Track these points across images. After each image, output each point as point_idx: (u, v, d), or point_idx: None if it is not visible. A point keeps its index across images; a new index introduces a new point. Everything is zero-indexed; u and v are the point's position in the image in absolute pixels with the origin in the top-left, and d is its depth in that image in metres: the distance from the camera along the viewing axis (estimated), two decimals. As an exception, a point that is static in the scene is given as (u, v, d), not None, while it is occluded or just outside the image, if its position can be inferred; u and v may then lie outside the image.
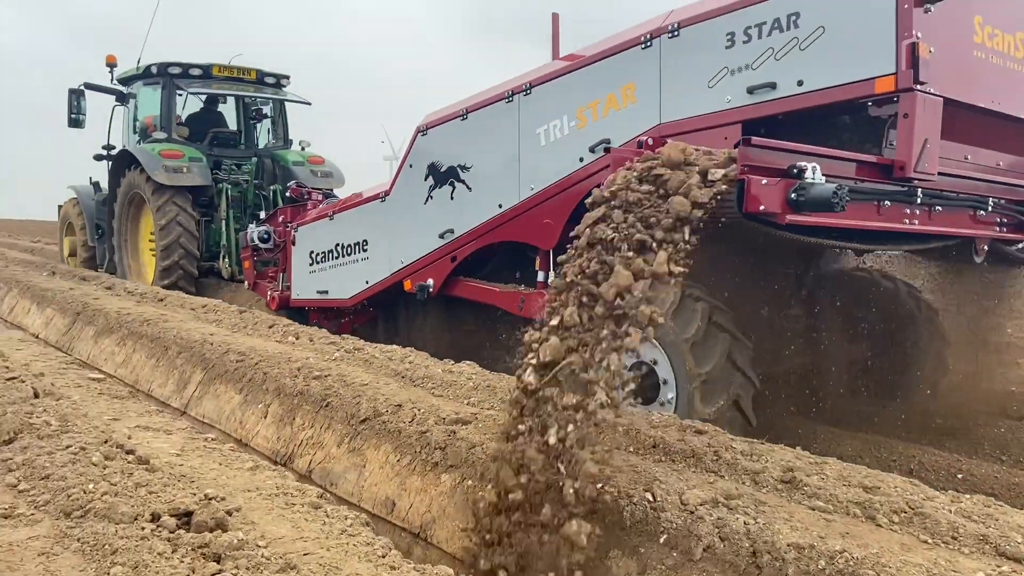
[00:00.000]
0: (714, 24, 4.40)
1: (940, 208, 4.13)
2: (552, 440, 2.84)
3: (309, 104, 12.00)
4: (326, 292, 7.31)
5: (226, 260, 10.24)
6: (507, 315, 5.15)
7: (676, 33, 4.59)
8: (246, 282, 8.90)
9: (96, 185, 12.36)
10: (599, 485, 2.80)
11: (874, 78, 3.83)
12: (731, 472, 3.15)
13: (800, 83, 4.05)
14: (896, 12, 3.73)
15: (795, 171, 3.37)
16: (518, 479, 2.87)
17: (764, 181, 3.33)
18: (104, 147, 11.86)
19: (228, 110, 12.05)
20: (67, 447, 3.01)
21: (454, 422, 3.76)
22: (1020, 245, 5.06)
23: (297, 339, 6.15)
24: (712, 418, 4.10)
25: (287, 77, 11.84)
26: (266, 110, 12.03)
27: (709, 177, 3.02)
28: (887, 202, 3.83)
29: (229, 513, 2.51)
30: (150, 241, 10.61)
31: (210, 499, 2.59)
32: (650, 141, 3.68)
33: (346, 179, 11.61)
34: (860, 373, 5.54)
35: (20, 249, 17.74)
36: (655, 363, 4.44)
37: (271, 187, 10.72)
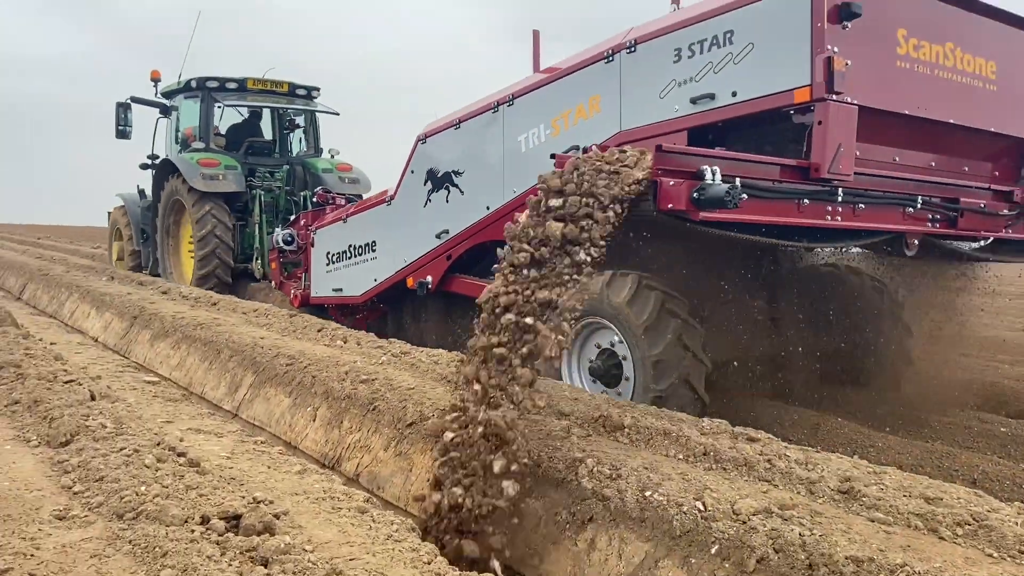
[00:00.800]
0: (665, 40, 4.86)
1: (863, 206, 4.45)
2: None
3: (337, 115, 12.58)
4: (340, 290, 7.81)
5: (258, 261, 10.73)
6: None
7: (633, 49, 5.07)
8: (273, 282, 9.52)
9: (142, 192, 13.01)
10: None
11: (793, 89, 4.25)
12: (785, 481, 3.06)
13: (734, 94, 4.49)
14: (811, 30, 4.14)
15: (698, 174, 3.77)
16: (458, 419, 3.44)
17: (672, 182, 3.76)
18: (149, 156, 12.54)
19: (263, 120, 12.68)
20: (121, 449, 3.06)
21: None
22: (977, 243, 5.40)
23: (345, 343, 6.20)
24: (665, 394, 4.52)
25: (317, 89, 12.41)
26: (298, 120, 12.62)
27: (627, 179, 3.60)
28: (806, 200, 4.19)
29: (277, 517, 2.52)
30: (189, 244, 11.21)
31: (258, 502, 2.61)
32: (594, 146, 3.99)
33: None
34: (827, 361, 5.81)
35: (81, 255, 18.31)
36: (612, 345, 4.87)
37: (302, 193, 11.20)
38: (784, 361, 5.65)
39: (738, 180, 3.81)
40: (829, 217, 4.36)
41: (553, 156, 4.23)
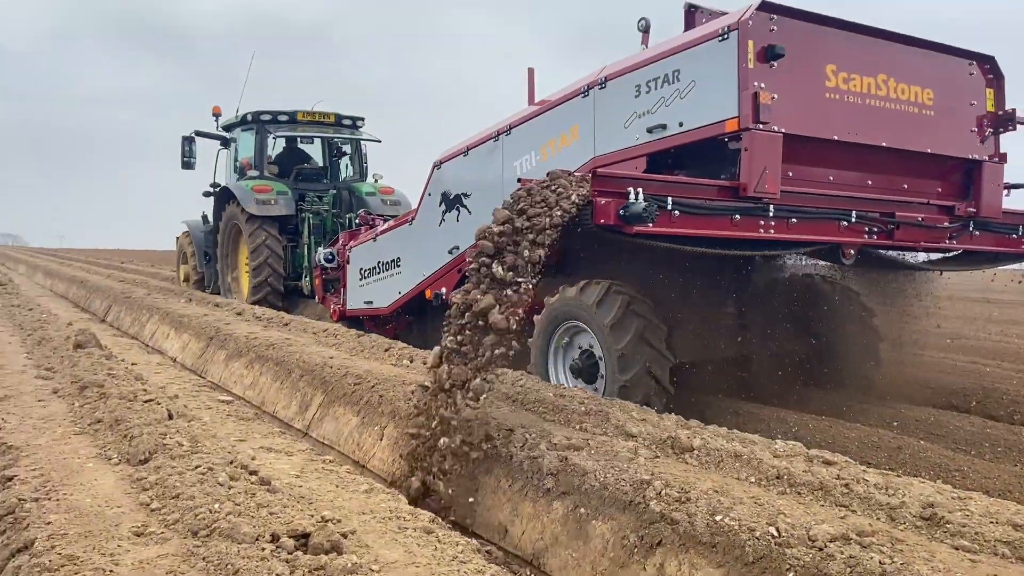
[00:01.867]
0: (627, 78, 5.55)
1: (795, 220, 5.01)
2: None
3: (379, 142, 13.48)
4: (371, 303, 8.55)
5: (307, 279, 11.41)
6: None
7: (604, 85, 5.77)
8: (316, 297, 10.35)
9: (205, 218, 14.01)
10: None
11: (725, 120, 4.87)
12: (864, 506, 2.94)
13: (681, 124, 5.15)
14: (737, 70, 4.78)
15: (625, 194, 4.38)
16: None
17: (603, 201, 4.38)
18: (211, 185, 13.52)
19: (314, 148, 13.63)
20: (196, 467, 3.14)
21: (566, 448, 3.70)
22: (925, 257, 6.08)
23: (411, 363, 6.26)
24: (630, 384, 5.11)
25: (362, 118, 13.25)
26: (345, 148, 13.50)
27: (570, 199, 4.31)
28: (738, 216, 4.77)
29: (344, 536, 2.54)
30: (246, 264, 12.05)
31: (326, 521, 2.64)
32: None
33: None
34: (800, 362, 6.42)
35: (161, 278, 19.02)
36: (591, 347, 5.49)
37: (347, 215, 11.95)
38: (766, 362, 6.26)
39: (670, 199, 4.51)
40: (762, 230, 4.93)
41: (519, 180, 4.75)
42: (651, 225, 4.41)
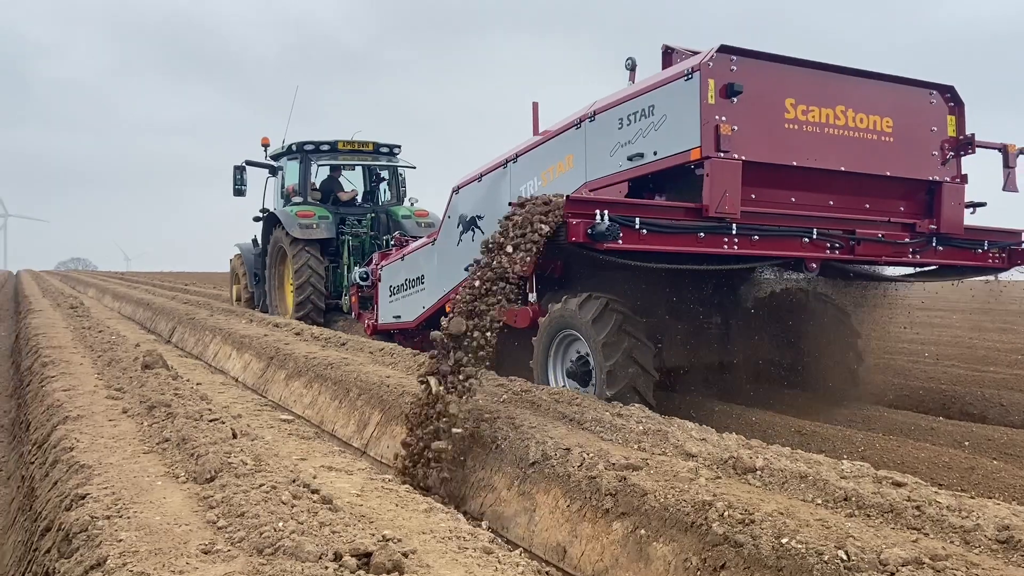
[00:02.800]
0: (612, 112, 6.19)
1: (758, 237, 5.54)
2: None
3: (414, 168, 14.40)
4: (399, 317, 9.22)
5: (346, 297, 12.01)
6: (520, 330, 6.63)
7: (593, 119, 6.40)
8: (352, 313, 11.07)
9: (255, 241, 14.87)
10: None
11: (690, 149, 5.48)
12: (936, 529, 2.83)
13: (655, 153, 5.76)
14: (700, 106, 5.38)
15: (593, 216, 5.04)
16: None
17: (575, 221, 5.05)
18: (261, 210, 14.40)
19: (354, 175, 14.63)
20: (260, 486, 3.20)
21: (624, 467, 3.66)
22: (905, 272, 6.73)
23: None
24: (616, 397, 5.53)
25: (399, 146, 14.16)
26: (383, 173, 14.42)
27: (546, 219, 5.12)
28: (702, 233, 5.35)
29: (405, 555, 2.55)
30: (290, 283, 12.99)
31: (387, 540, 2.65)
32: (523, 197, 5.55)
33: None
34: (780, 365, 7.07)
35: (223, 299, 19.52)
36: (586, 355, 6.01)
37: (384, 237, 12.68)
38: (748, 368, 6.92)
39: (638, 219, 5.17)
40: (727, 246, 5.47)
41: (511, 203, 5.52)
42: (619, 242, 5.09)
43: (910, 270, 6.79)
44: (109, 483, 3.43)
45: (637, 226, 5.14)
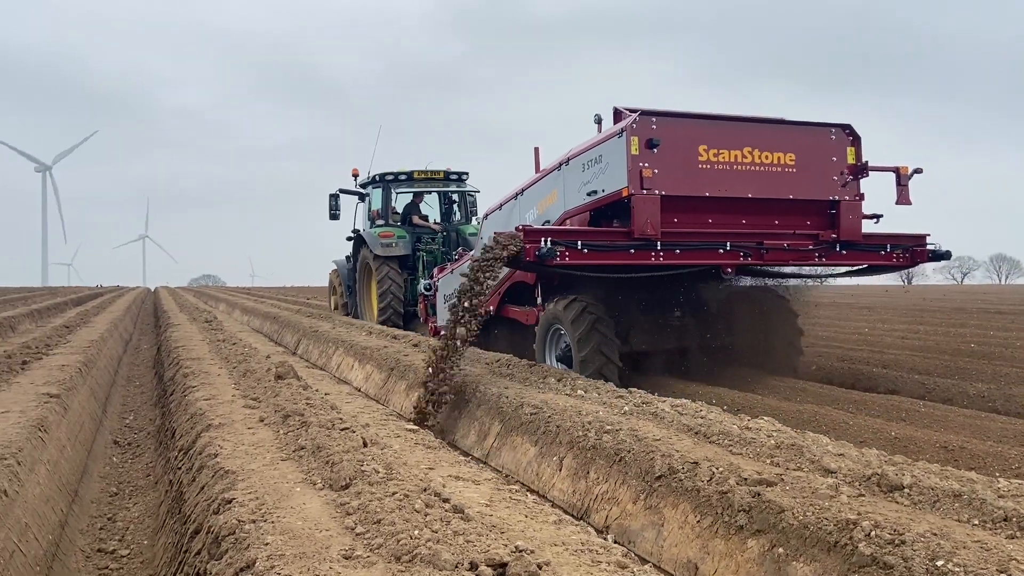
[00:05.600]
0: (579, 159, 8.08)
1: (679, 250, 7.29)
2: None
3: (479, 192, 16.28)
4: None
5: (420, 305, 13.54)
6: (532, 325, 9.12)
7: (568, 163, 8.26)
8: (421, 318, 13.23)
9: (348, 258, 17.01)
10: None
11: (622, 188, 7.24)
12: (1116, 557, 2.59)
13: (603, 190, 7.57)
14: (627, 156, 7.15)
15: (540, 241, 6.91)
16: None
17: (528, 246, 6.91)
18: (352, 231, 16.51)
19: (429, 199, 16.52)
20: (393, 494, 3.27)
21: (758, 483, 3.53)
22: (835, 270, 8.75)
23: (585, 393, 6.25)
24: (587, 358, 7.70)
25: (466, 173, 16.06)
26: (454, 197, 16.33)
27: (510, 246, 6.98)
28: (633, 250, 7.16)
29: (540, 567, 2.55)
30: (376, 294, 15.02)
31: (521, 552, 2.65)
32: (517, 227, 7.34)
33: None
34: (728, 350, 8.86)
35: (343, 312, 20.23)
36: (569, 345, 8.09)
37: (452, 253, 13.98)
38: (699, 352, 8.74)
39: (579, 241, 7.13)
40: (655, 259, 7.24)
41: (494, 233, 7.29)
42: (565, 259, 6.97)
43: (843, 269, 8.61)
44: (252, 488, 3.59)
45: (579, 247, 7.06)
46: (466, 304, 7.03)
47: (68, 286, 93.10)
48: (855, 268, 8.47)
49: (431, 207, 16.47)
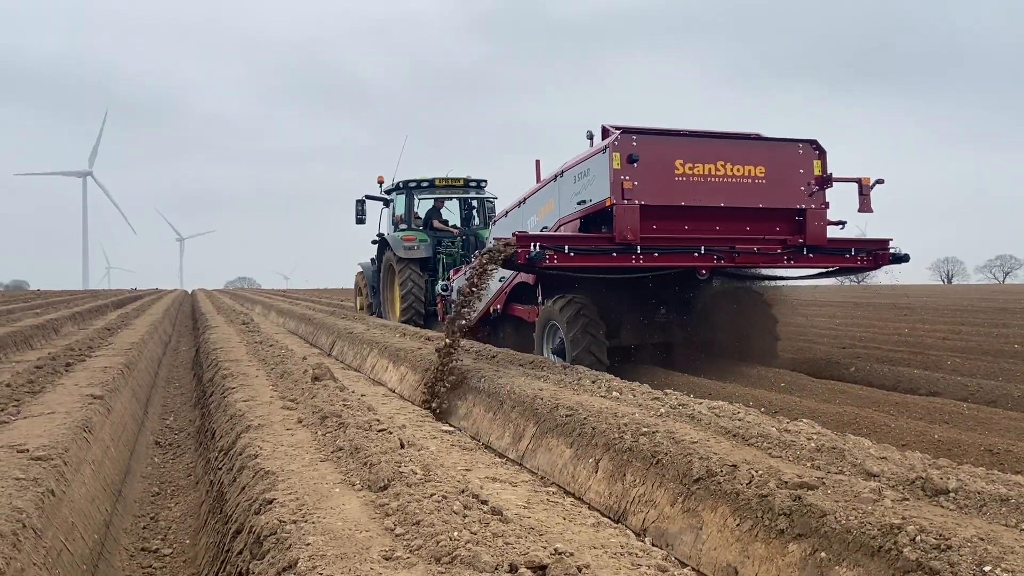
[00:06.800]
0: (570, 171, 9.02)
1: (657, 254, 8.16)
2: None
3: (496, 198, 17.00)
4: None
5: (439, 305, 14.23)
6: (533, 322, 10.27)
7: (562, 175, 9.23)
8: (439, 317, 13.79)
9: (372, 260, 17.97)
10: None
11: (605, 198, 8.13)
12: None
13: (591, 200, 8.46)
14: (610, 171, 8.03)
15: (530, 246, 7.84)
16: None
17: (520, 250, 7.80)
18: (377, 235, 17.35)
19: (450, 204, 17.29)
20: (431, 495, 3.30)
21: (798, 486, 3.49)
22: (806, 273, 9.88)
23: (620, 394, 6.23)
24: (578, 356, 8.74)
25: (485, 181, 16.99)
26: (474, 203, 17.16)
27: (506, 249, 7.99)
28: (615, 253, 8.03)
29: (579, 570, 2.54)
30: (398, 294, 15.87)
31: (560, 554, 2.66)
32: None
33: None
34: (719, 343, 9.87)
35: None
36: (563, 338, 9.13)
37: (471, 257, 14.17)
38: (683, 346, 9.82)
39: (567, 246, 8.08)
40: (635, 261, 8.13)
41: (494, 239, 8.55)
42: (553, 261, 7.88)
43: (813, 271, 9.60)
44: (292, 489, 3.64)
45: (567, 251, 7.98)
46: (471, 289, 8.13)
47: (108, 289, 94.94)
48: (828, 269, 9.40)
49: (452, 212, 17.22)
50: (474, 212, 17.16)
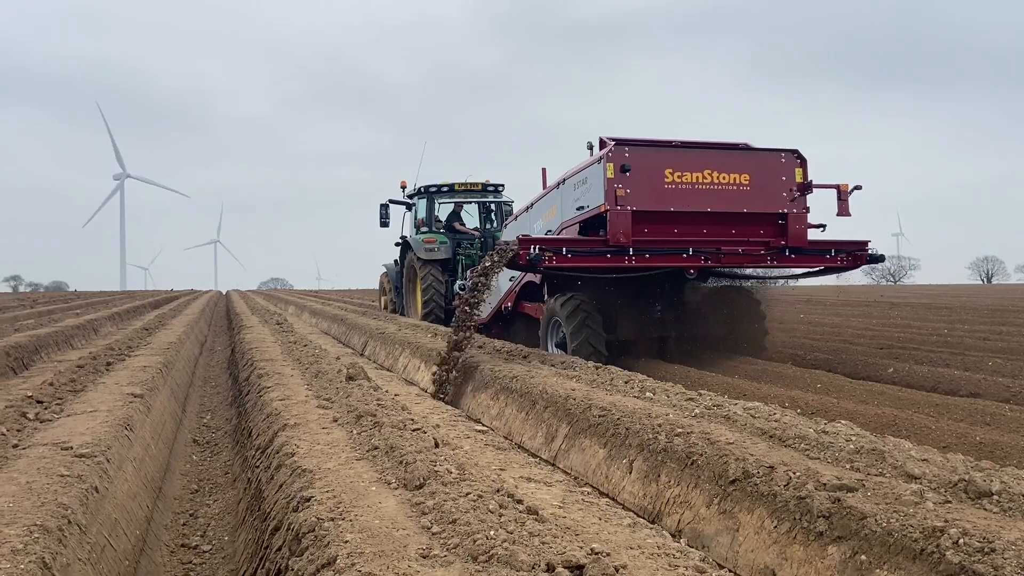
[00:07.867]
0: (571, 179, 9.93)
1: (648, 255, 9.06)
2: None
3: (513, 202, 17.54)
4: (480, 315, 12.03)
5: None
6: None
7: (564, 182, 10.13)
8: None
9: (396, 262, 18.86)
10: None
11: (600, 204, 9.05)
12: None
13: (588, 206, 9.36)
14: (604, 179, 8.97)
15: (530, 248, 8.78)
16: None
17: (522, 251, 8.72)
18: (401, 237, 18.19)
19: (469, 207, 18.01)
20: (467, 494, 3.31)
21: (837, 488, 3.45)
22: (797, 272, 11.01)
23: (654, 395, 6.20)
24: (578, 348, 9.58)
25: (502, 185, 17.68)
26: (492, 206, 17.83)
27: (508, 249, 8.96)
28: (609, 254, 8.96)
29: (617, 570, 2.54)
30: (420, 294, 16.50)
31: (597, 554, 2.65)
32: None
33: None
34: (711, 337, 10.84)
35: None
36: (565, 334, 9.94)
37: None
38: (676, 340, 10.72)
39: (564, 248, 9.01)
40: (628, 261, 8.96)
41: (496, 242, 9.37)
42: (552, 262, 8.77)
43: (800, 271, 10.49)
44: (329, 487, 3.68)
45: (564, 252, 8.86)
46: (480, 282, 8.91)
47: (145, 290, 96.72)
48: (813, 269, 10.17)
49: (471, 215, 17.93)
50: (492, 215, 17.82)
